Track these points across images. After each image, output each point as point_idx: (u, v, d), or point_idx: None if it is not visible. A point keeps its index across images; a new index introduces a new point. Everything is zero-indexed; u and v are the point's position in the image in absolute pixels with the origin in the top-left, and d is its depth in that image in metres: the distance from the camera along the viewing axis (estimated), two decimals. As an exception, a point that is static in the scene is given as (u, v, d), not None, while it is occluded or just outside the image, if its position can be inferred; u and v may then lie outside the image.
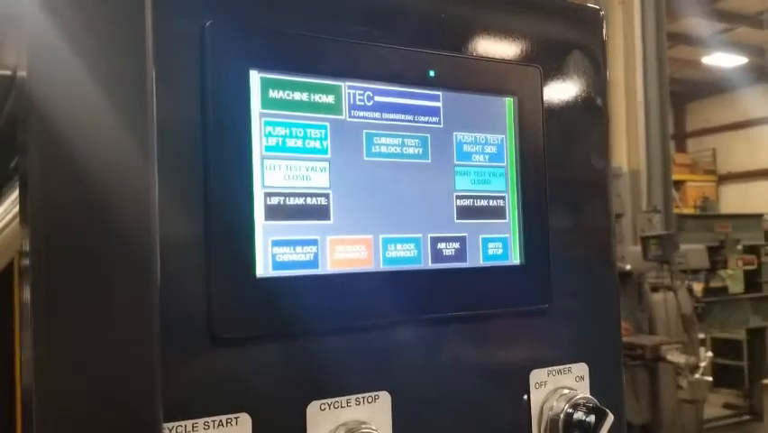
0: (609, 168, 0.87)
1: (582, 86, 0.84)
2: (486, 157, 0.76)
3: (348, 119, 0.68)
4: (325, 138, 0.67)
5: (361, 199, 0.68)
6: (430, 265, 0.71)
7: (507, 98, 0.77)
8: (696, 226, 6.39)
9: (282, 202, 0.64)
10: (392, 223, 0.69)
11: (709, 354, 4.92)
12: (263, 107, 0.64)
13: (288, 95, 0.65)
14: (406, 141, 0.71)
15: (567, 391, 0.78)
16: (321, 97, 0.67)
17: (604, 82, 0.86)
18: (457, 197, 0.74)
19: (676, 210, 7.00)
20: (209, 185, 0.60)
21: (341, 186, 0.67)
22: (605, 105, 0.86)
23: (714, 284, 6.06)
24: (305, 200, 0.65)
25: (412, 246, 0.70)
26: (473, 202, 0.75)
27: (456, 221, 0.73)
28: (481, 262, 0.74)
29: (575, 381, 0.80)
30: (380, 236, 0.69)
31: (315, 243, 0.65)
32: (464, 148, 0.74)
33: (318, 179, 0.66)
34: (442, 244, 0.72)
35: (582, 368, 0.81)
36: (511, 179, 0.77)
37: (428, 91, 0.72)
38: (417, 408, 0.69)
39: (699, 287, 5.74)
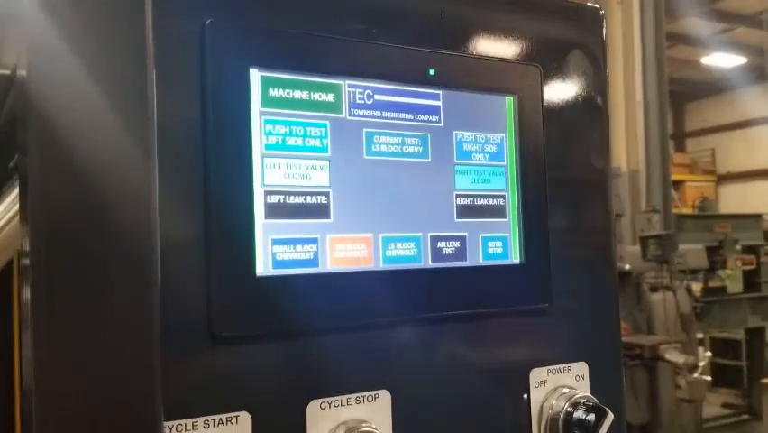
0: (609, 167, 0.87)
1: (582, 85, 0.84)
2: (486, 156, 0.76)
3: (348, 118, 0.68)
4: (325, 136, 0.66)
5: (361, 198, 0.68)
6: (430, 264, 0.71)
7: (507, 97, 0.77)
8: (695, 226, 6.40)
9: (282, 200, 0.64)
10: (392, 221, 0.69)
11: (708, 353, 4.92)
12: (263, 106, 0.63)
13: (288, 93, 0.65)
14: (406, 139, 0.71)
15: (567, 390, 0.78)
16: (321, 96, 0.66)
17: (604, 81, 0.86)
18: (457, 195, 0.73)
19: (675, 210, 7.01)
20: (209, 183, 0.60)
21: (341, 184, 0.67)
22: (605, 104, 0.86)
23: (713, 284, 6.06)
24: (305, 199, 0.65)
25: (412, 245, 0.70)
26: (473, 201, 0.75)
27: (456, 220, 0.73)
28: (481, 261, 0.74)
29: (575, 380, 0.80)
30: (380, 235, 0.69)
31: (315, 241, 0.65)
32: (464, 147, 0.74)
33: (318, 177, 0.66)
34: (442, 243, 0.72)
35: (582, 367, 0.81)
36: (511, 178, 0.77)
37: (428, 90, 0.72)
38: (417, 407, 0.69)
39: (697, 287, 5.74)
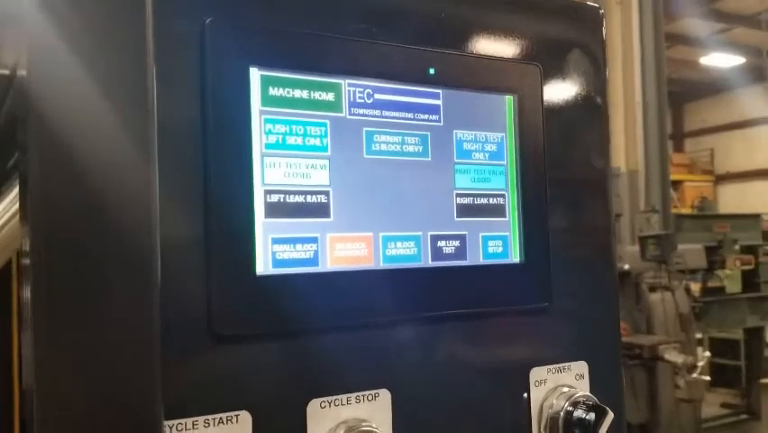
0: (609, 166, 0.87)
1: (582, 84, 0.84)
2: (486, 155, 0.76)
3: (348, 117, 0.68)
4: (325, 136, 0.66)
5: (361, 197, 0.68)
6: (430, 263, 0.71)
7: (507, 96, 0.77)
8: (694, 226, 6.41)
9: (282, 200, 0.64)
10: (392, 221, 0.69)
11: (707, 353, 4.93)
12: (263, 105, 0.63)
13: (288, 92, 0.65)
14: (406, 138, 0.71)
15: (567, 390, 0.78)
16: (321, 95, 0.66)
17: (604, 81, 0.86)
18: (457, 195, 0.73)
19: (674, 210, 7.01)
20: (209, 183, 0.60)
21: (341, 183, 0.67)
22: (605, 103, 0.86)
23: (711, 284, 6.07)
24: (305, 198, 0.65)
25: (412, 244, 0.70)
26: (473, 200, 0.74)
27: (456, 219, 0.73)
28: (481, 261, 0.74)
29: (575, 379, 0.80)
30: (380, 234, 0.69)
31: (315, 240, 0.65)
32: (464, 146, 0.74)
33: (318, 176, 0.66)
34: (442, 242, 0.72)
35: (582, 366, 0.81)
36: (511, 177, 0.77)
37: (428, 89, 0.72)
38: (417, 406, 0.69)
39: (696, 287, 5.74)
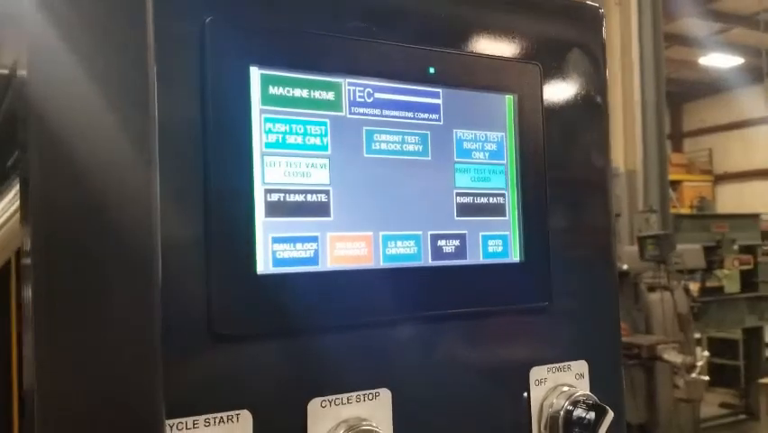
0: (610, 166, 0.87)
1: (582, 83, 0.84)
2: (486, 154, 0.76)
3: (348, 116, 0.68)
4: (325, 135, 0.66)
5: (361, 196, 0.68)
6: (430, 262, 0.71)
7: (507, 96, 0.77)
8: (692, 226, 6.41)
9: (282, 199, 0.64)
10: (392, 220, 0.69)
11: (706, 353, 4.93)
12: (263, 104, 0.63)
13: (289, 91, 0.65)
14: (406, 138, 0.71)
15: (567, 389, 0.78)
16: (321, 94, 0.66)
17: (604, 80, 0.86)
18: (457, 194, 0.73)
19: (673, 210, 7.02)
20: (209, 182, 0.60)
21: (341, 183, 0.67)
22: (605, 102, 0.86)
23: (710, 284, 6.08)
24: (305, 197, 0.65)
25: (412, 243, 0.70)
26: (473, 199, 0.74)
27: (456, 218, 0.73)
28: (481, 260, 0.74)
29: (575, 378, 0.80)
30: (380, 233, 0.69)
31: (315, 239, 0.65)
32: (464, 145, 0.74)
33: (318, 175, 0.66)
34: (442, 242, 0.72)
35: (582, 365, 0.81)
36: (511, 176, 0.77)
37: (428, 88, 0.72)
38: (418, 405, 0.69)
39: (695, 287, 5.75)
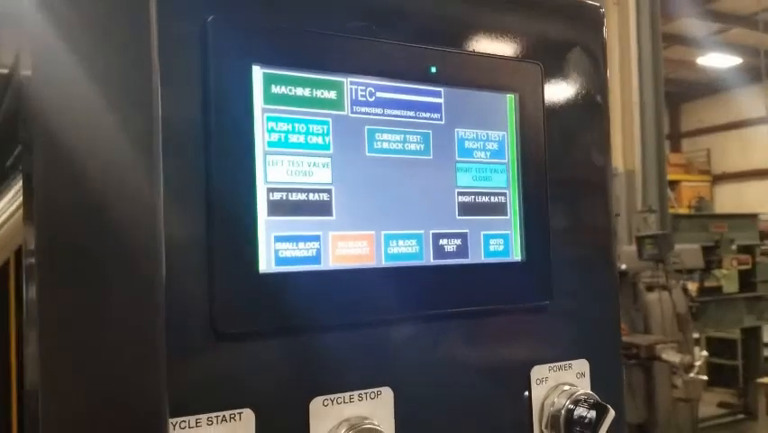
0: (610, 165, 0.87)
1: (583, 83, 0.84)
2: (487, 153, 0.76)
3: (350, 115, 0.68)
4: (327, 134, 0.66)
5: (363, 195, 0.68)
6: (431, 261, 0.71)
7: (508, 95, 0.77)
8: (691, 226, 6.42)
9: (285, 198, 0.64)
10: (394, 219, 0.69)
11: (704, 353, 4.94)
12: (266, 103, 0.63)
13: (291, 90, 0.65)
14: (407, 137, 0.71)
15: (568, 388, 0.78)
16: (323, 93, 0.66)
17: (604, 80, 0.86)
18: (458, 193, 0.74)
19: (671, 210, 7.02)
20: (212, 181, 0.60)
21: (343, 182, 0.67)
22: (605, 102, 0.86)
23: (709, 284, 6.08)
24: (307, 196, 0.65)
25: (414, 242, 0.70)
26: (475, 198, 0.75)
27: (458, 217, 0.73)
28: (483, 259, 0.74)
29: (576, 377, 0.80)
30: (382, 232, 0.69)
31: (317, 238, 0.65)
32: (466, 144, 0.74)
33: (320, 174, 0.66)
34: (443, 241, 0.72)
35: (583, 364, 0.81)
36: (512, 175, 0.77)
37: (430, 87, 0.72)
38: (419, 403, 0.69)
39: (693, 286, 5.76)
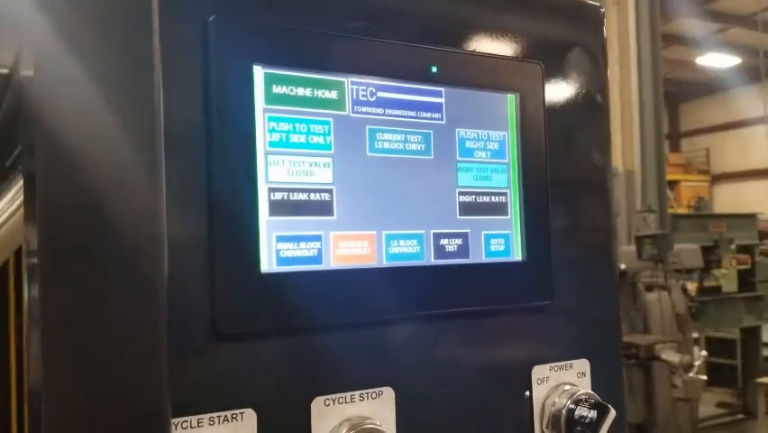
0: (610, 165, 0.87)
1: (584, 83, 0.84)
2: (488, 153, 0.76)
3: (351, 115, 0.68)
4: (329, 134, 0.66)
5: (364, 195, 0.68)
6: (432, 261, 0.71)
7: (509, 95, 0.77)
8: (690, 226, 6.41)
9: (286, 197, 0.64)
10: (395, 219, 0.69)
11: (703, 353, 4.94)
12: (267, 103, 0.63)
13: (292, 90, 0.65)
14: (408, 137, 0.71)
15: (569, 387, 0.78)
16: (324, 93, 0.66)
17: (604, 79, 0.86)
18: (459, 193, 0.74)
19: (670, 210, 7.03)
20: (213, 181, 0.60)
21: (344, 182, 0.67)
22: (605, 102, 0.86)
23: (708, 283, 6.08)
24: (308, 196, 0.65)
25: (415, 242, 0.70)
26: (475, 198, 0.75)
27: (458, 217, 0.73)
28: (484, 259, 0.74)
29: (576, 377, 0.80)
30: (383, 232, 0.69)
31: (318, 238, 0.65)
32: (466, 144, 0.74)
33: (322, 174, 0.66)
34: (444, 240, 0.72)
35: (584, 364, 0.81)
36: (513, 175, 0.77)
37: (431, 87, 0.72)
38: (420, 403, 0.69)
39: (692, 286, 5.75)
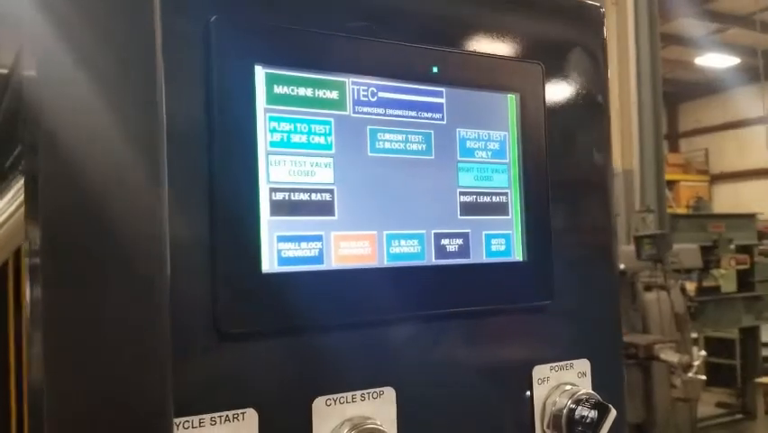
0: (611, 165, 0.87)
1: (584, 83, 0.84)
2: (489, 153, 0.76)
3: (352, 115, 0.68)
4: (330, 134, 0.67)
5: (365, 195, 0.68)
6: (433, 261, 0.71)
7: (509, 95, 0.77)
8: (689, 226, 6.42)
9: (287, 198, 0.64)
10: (396, 219, 0.70)
11: (702, 352, 4.94)
12: (268, 103, 0.63)
13: (293, 90, 0.65)
14: (409, 137, 0.71)
15: (569, 387, 0.78)
16: (325, 93, 0.67)
17: (605, 79, 0.86)
18: (460, 193, 0.74)
19: (669, 210, 7.03)
20: (215, 181, 0.60)
21: (345, 182, 0.67)
22: (606, 102, 0.86)
23: (707, 283, 6.08)
24: (309, 196, 0.65)
25: (416, 242, 0.71)
26: (476, 198, 0.75)
27: (459, 217, 0.73)
28: (484, 259, 0.74)
29: (577, 376, 0.80)
30: (384, 232, 0.69)
31: (319, 238, 0.65)
32: (467, 144, 0.74)
33: (323, 174, 0.66)
34: (445, 240, 0.72)
35: (584, 364, 0.81)
36: (514, 175, 0.77)
37: (432, 87, 0.72)
38: (421, 403, 0.69)
39: (691, 286, 5.76)
